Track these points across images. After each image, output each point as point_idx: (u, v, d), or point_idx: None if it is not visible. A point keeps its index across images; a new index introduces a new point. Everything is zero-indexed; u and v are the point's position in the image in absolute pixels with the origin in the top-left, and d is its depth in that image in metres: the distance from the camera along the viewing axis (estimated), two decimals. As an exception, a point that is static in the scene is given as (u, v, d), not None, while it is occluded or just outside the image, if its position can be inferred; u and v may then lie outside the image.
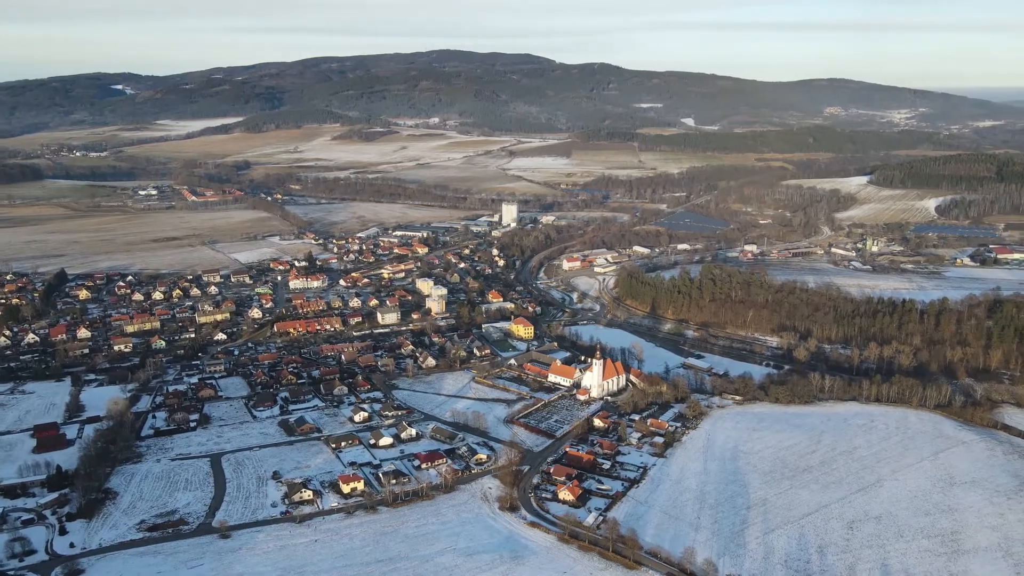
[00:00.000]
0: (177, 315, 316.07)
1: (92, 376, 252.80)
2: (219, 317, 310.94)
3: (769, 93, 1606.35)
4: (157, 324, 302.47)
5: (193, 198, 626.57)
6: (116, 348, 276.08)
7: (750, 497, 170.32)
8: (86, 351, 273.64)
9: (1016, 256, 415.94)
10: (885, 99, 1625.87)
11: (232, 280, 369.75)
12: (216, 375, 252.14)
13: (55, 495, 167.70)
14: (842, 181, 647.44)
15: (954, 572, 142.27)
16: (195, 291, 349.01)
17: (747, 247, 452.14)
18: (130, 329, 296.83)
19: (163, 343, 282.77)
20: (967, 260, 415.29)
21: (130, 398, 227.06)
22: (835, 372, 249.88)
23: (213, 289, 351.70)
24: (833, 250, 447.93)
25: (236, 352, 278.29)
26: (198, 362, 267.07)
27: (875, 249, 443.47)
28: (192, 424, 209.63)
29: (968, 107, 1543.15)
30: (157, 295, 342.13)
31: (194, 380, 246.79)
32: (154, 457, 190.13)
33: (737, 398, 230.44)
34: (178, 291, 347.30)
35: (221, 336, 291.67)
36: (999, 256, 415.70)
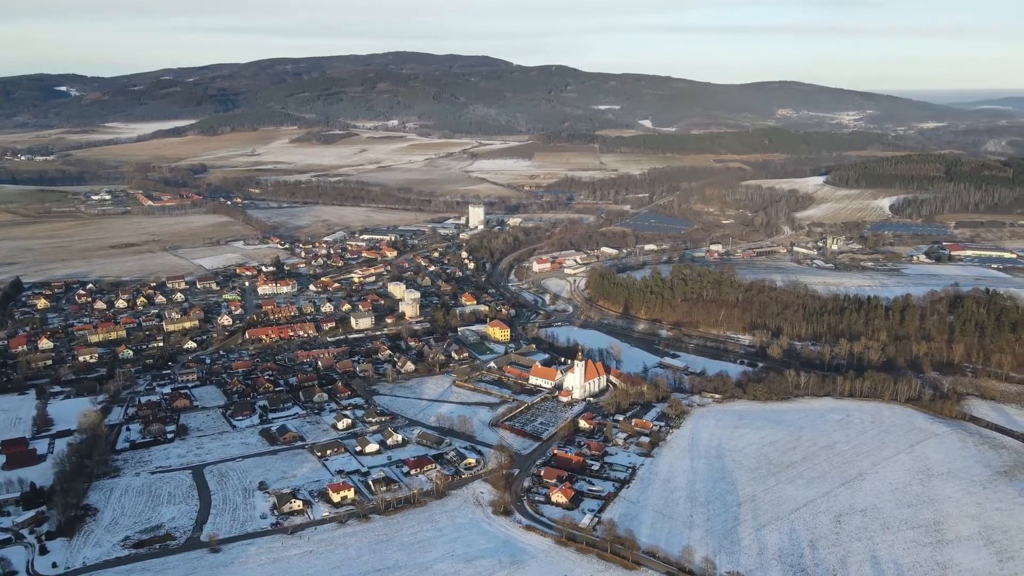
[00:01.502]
0: (143, 323, 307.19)
1: (58, 388, 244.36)
2: (187, 325, 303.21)
3: (723, 95, 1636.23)
4: (123, 333, 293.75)
5: (149, 203, 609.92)
6: (81, 359, 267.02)
7: (739, 494, 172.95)
8: (49, 362, 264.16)
9: (968, 253, 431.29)
10: (834, 101, 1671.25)
11: (198, 286, 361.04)
12: (190, 384, 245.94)
13: (32, 513, 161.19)
14: (800, 181, 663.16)
15: (940, 561, 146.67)
16: (160, 298, 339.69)
17: (713, 247, 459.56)
18: (95, 339, 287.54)
19: (130, 352, 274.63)
20: (923, 257, 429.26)
21: (101, 410, 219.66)
22: (808, 368, 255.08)
23: (179, 296, 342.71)
24: (795, 249, 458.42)
25: (208, 360, 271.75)
26: (169, 371, 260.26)
27: (835, 247, 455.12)
28: (169, 436, 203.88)
29: (912, 109, 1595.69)
30: (120, 303, 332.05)
31: (167, 390, 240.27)
32: (132, 471, 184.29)
33: (717, 396, 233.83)
34: (142, 299, 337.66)
35: (191, 344, 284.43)
36: (952, 253, 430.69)
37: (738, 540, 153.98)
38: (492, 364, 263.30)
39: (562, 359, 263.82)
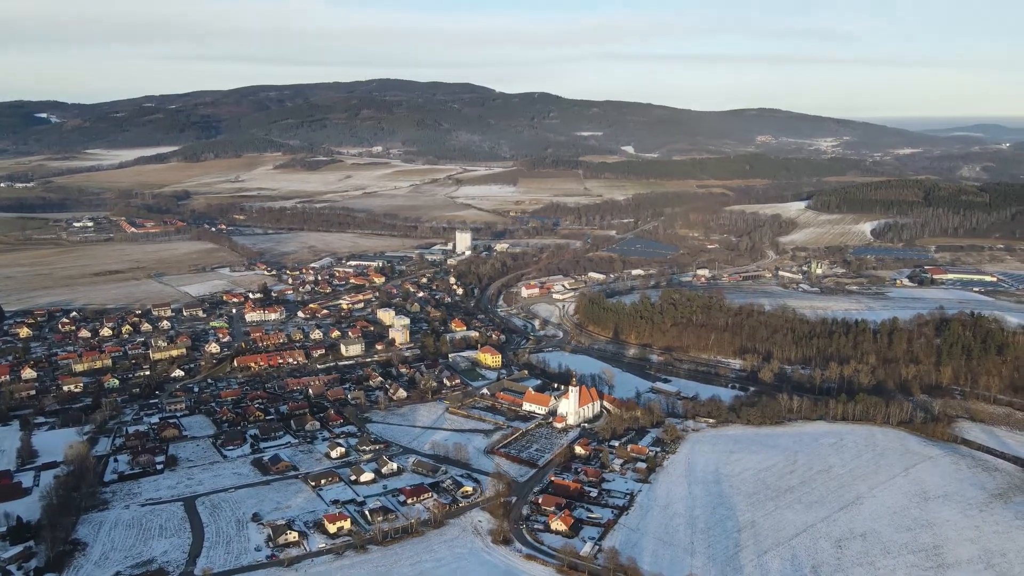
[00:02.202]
0: (129, 352, 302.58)
1: (42, 419, 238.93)
2: (174, 353, 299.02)
3: (704, 122, 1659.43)
4: (108, 362, 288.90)
5: (133, 229, 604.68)
6: (66, 388, 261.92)
7: (738, 520, 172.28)
8: (33, 392, 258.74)
9: (950, 276, 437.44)
10: (811, 128, 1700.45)
11: (184, 314, 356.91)
12: (178, 414, 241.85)
13: (19, 548, 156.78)
14: (782, 206, 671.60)
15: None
16: (146, 326, 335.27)
17: (699, 271, 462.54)
18: (79, 368, 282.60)
19: (116, 382, 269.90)
20: (906, 281, 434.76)
21: (87, 441, 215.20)
22: (799, 392, 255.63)
23: (165, 324, 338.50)
24: (781, 273, 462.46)
25: (196, 389, 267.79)
26: (156, 401, 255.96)
27: (820, 272, 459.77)
28: (159, 467, 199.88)
29: (887, 136, 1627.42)
30: (105, 331, 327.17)
31: (155, 420, 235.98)
32: (122, 503, 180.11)
33: (711, 421, 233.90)
34: (128, 327, 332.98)
35: (178, 372, 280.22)
36: (935, 276, 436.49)
37: (740, 567, 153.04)
38: (485, 391, 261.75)
39: (555, 385, 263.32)
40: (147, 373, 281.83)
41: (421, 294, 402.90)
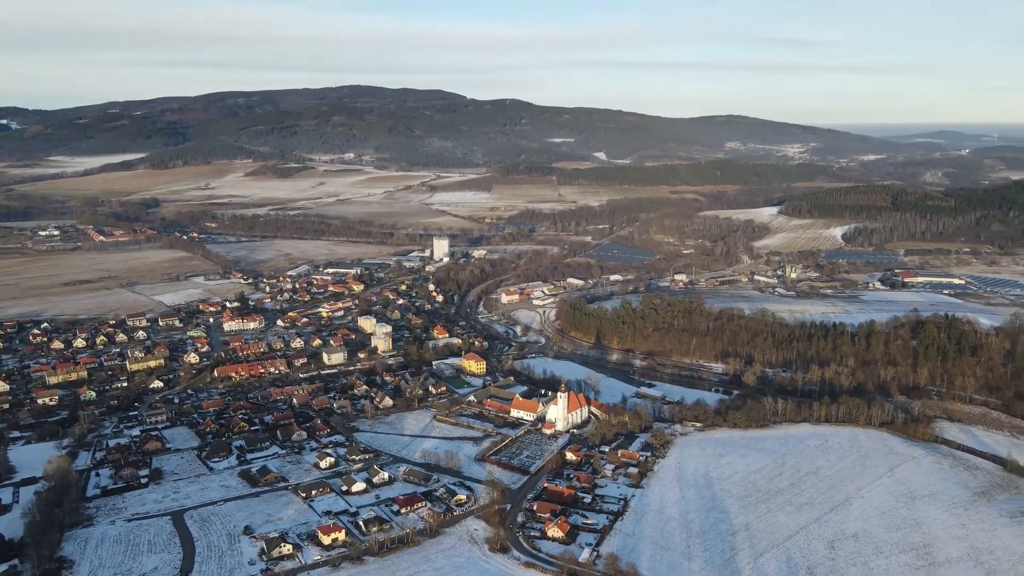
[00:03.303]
0: (105, 363, 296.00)
1: (17, 433, 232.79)
2: (152, 364, 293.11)
3: (674, 128, 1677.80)
4: (84, 374, 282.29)
5: (101, 238, 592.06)
6: (40, 402, 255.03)
7: (732, 523, 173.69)
8: (6, 406, 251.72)
9: (920, 279, 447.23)
10: (778, 135, 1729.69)
11: (160, 324, 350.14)
12: (159, 426, 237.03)
13: (3, 568, 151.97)
14: (754, 212, 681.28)
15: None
16: (121, 337, 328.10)
17: (677, 276, 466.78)
18: (54, 380, 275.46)
19: (93, 394, 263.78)
20: (878, 284, 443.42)
21: (67, 455, 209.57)
22: (781, 395, 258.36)
23: (141, 334, 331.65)
24: (756, 277, 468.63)
25: (177, 400, 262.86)
26: (136, 412, 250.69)
27: (794, 276, 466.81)
28: (143, 480, 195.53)
29: (852, 142, 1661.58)
30: (79, 342, 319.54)
31: (136, 432, 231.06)
32: (107, 519, 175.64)
33: (698, 425, 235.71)
34: (102, 337, 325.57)
35: (157, 384, 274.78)
36: (905, 280, 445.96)
37: (738, 570, 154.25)
38: (472, 398, 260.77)
39: (542, 391, 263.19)
40: (125, 385, 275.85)
41: (401, 301, 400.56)
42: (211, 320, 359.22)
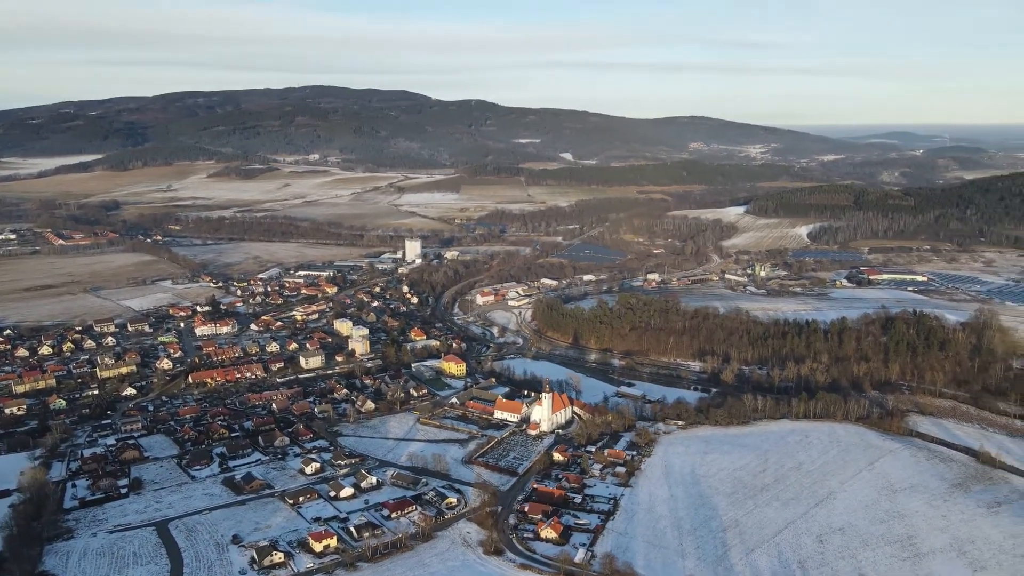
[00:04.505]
0: (74, 370, 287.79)
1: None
2: (124, 370, 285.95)
3: (638, 129, 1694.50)
4: (52, 382, 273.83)
5: (61, 242, 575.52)
6: (8, 411, 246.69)
7: (722, 519, 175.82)
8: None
9: (885, 277, 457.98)
10: (741, 135, 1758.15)
11: (129, 329, 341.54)
12: (135, 434, 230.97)
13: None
14: (722, 211, 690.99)
15: (922, 574, 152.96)
16: (89, 343, 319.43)
17: (650, 276, 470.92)
18: (20, 389, 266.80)
19: (63, 402, 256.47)
20: (845, 282, 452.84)
21: (41, 466, 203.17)
22: (758, 392, 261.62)
23: (110, 340, 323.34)
24: (727, 276, 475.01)
25: (151, 407, 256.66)
26: (109, 421, 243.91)
27: (763, 274, 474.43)
28: (123, 490, 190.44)
29: (812, 143, 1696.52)
30: (45, 349, 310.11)
31: (111, 441, 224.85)
32: (88, 531, 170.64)
33: (680, 423, 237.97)
34: (69, 344, 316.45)
35: (130, 391, 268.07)
36: (871, 277, 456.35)
37: (731, 566, 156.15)
38: (455, 400, 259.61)
39: (525, 392, 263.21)
40: (96, 392, 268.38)
41: (376, 304, 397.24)
42: (182, 325, 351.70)
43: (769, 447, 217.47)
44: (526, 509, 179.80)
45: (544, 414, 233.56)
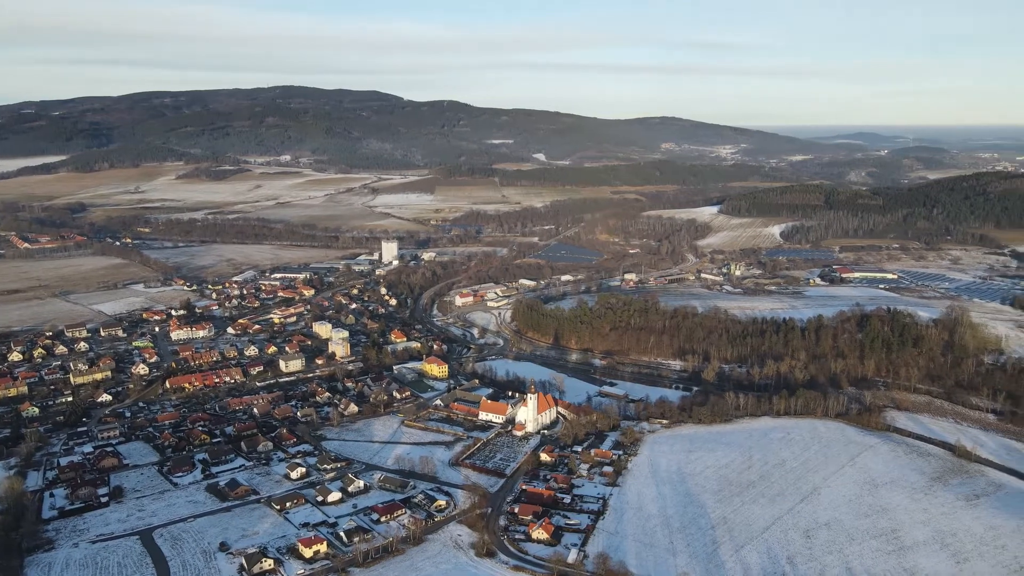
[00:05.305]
0: (46, 377, 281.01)
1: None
2: (98, 376, 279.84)
3: (610, 129, 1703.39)
4: (24, 389, 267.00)
5: (26, 245, 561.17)
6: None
7: (710, 517, 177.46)
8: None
9: (857, 275, 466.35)
10: (711, 136, 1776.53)
11: (102, 334, 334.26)
12: (113, 441, 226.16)
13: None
14: (696, 211, 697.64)
15: (907, 568, 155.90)
16: (61, 349, 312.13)
17: (627, 276, 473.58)
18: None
19: (36, 410, 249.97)
20: (819, 280, 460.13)
21: (17, 476, 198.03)
22: (739, 390, 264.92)
23: (83, 345, 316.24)
24: (703, 275, 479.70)
25: (128, 414, 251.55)
26: (85, 428, 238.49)
27: (738, 273, 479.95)
28: (103, 499, 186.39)
29: (781, 143, 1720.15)
30: (15, 356, 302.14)
31: (88, 449, 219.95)
32: (69, 542, 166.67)
33: (664, 422, 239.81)
34: (40, 350, 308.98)
35: (105, 397, 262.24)
36: (843, 275, 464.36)
37: (722, 563, 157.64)
38: (438, 402, 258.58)
39: (509, 393, 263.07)
40: (70, 399, 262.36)
41: (354, 306, 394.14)
42: (157, 329, 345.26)
43: (753, 444, 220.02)
44: (516, 510, 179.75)
45: (529, 415, 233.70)
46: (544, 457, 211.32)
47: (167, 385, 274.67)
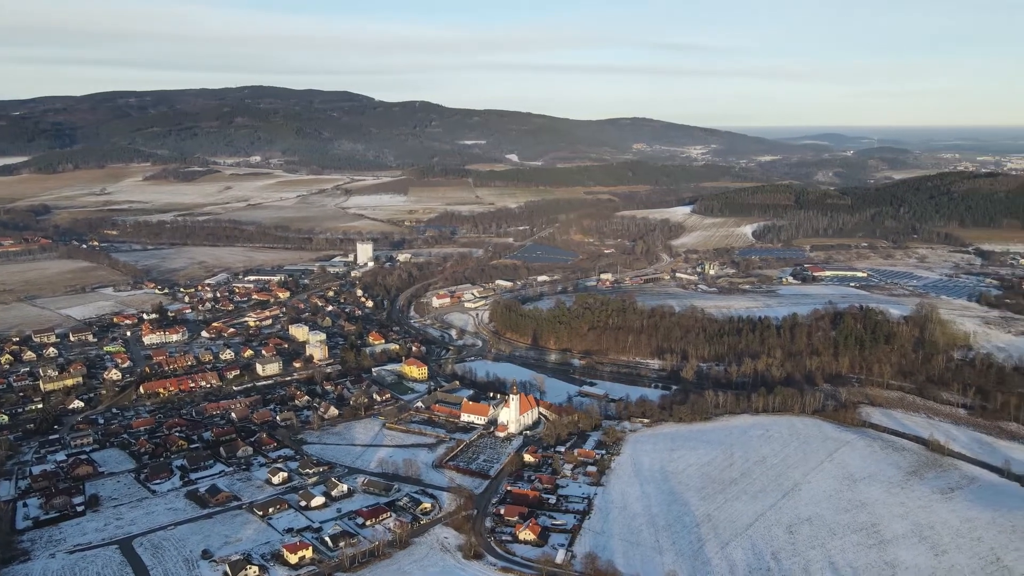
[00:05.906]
0: (14, 383, 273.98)
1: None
2: (69, 382, 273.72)
3: (582, 130, 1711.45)
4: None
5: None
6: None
7: (695, 515, 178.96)
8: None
9: (828, 274, 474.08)
10: (682, 136, 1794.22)
11: (72, 339, 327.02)
12: (87, 449, 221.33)
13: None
14: (669, 211, 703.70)
15: (888, 561, 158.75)
16: (29, 355, 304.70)
17: (603, 276, 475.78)
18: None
19: (5, 418, 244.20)
20: (791, 279, 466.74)
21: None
22: (717, 388, 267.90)
23: (52, 351, 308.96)
24: (678, 275, 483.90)
25: (102, 420, 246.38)
26: (58, 436, 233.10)
27: (713, 272, 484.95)
28: (79, 508, 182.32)
29: (750, 144, 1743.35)
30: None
31: (61, 457, 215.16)
32: (46, 552, 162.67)
33: (645, 421, 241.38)
34: (7, 356, 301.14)
35: (77, 404, 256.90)
36: (815, 274, 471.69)
37: (708, 560, 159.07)
38: (420, 404, 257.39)
39: (490, 394, 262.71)
40: (40, 406, 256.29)
41: (331, 308, 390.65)
42: (128, 333, 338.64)
43: (733, 442, 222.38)
44: (502, 512, 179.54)
45: (512, 416, 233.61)
46: (528, 458, 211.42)
47: (141, 390, 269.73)
